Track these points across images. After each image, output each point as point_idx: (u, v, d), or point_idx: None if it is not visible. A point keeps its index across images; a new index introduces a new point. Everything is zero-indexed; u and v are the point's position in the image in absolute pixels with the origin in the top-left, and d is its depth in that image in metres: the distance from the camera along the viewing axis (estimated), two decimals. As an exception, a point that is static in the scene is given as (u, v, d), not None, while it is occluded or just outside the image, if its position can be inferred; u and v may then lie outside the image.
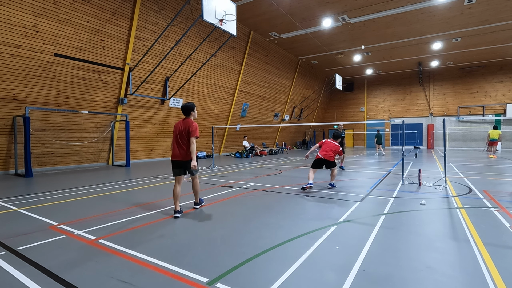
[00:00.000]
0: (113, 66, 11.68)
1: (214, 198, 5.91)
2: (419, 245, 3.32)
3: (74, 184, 7.67)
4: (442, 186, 6.90)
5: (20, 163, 9.92)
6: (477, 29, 17.26)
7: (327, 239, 3.50)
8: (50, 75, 10.02)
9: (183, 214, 4.69)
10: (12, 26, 8.81)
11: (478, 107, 25.89)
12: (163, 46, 13.10)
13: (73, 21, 10.02)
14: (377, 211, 4.83)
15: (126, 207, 5.15)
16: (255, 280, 2.53)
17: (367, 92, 31.04)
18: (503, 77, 24.89)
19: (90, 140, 11.90)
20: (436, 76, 27.41)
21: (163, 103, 14.27)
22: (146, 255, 3.06)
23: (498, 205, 5.13)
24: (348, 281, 2.51)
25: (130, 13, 11.57)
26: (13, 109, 9.61)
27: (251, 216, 4.55)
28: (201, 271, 2.69)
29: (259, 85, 20.68)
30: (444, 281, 2.52)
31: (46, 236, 3.68)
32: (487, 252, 3.11)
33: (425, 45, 20.44)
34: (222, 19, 9.28)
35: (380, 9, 14.69)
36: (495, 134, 16.59)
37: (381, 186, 7.24)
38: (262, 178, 8.78)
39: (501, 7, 14.49)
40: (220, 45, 14.43)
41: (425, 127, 28.06)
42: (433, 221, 4.30)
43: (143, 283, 2.48)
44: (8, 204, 5.47)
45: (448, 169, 10.24)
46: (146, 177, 8.87)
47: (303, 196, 6.08)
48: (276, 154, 20.22)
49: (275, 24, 16.68)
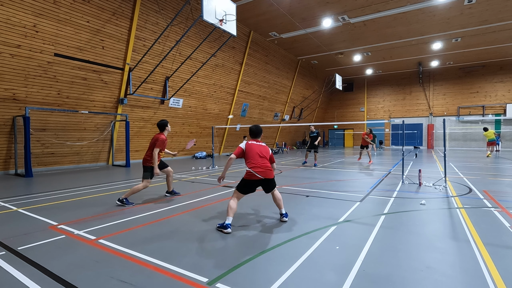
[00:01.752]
0: (113, 66, 11.67)
1: (214, 198, 5.90)
2: (419, 245, 3.32)
3: (74, 184, 7.67)
4: (442, 186, 6.89)
5: (20, 163, 9.92)
6: (477, 29, 17.26)
7: (327, 239, 3.50)
8: (50, 75, 10.02)
9: (183, 214, 4.69)
10: (12, 26, 8.81)
11: (478, 107, 25.89)
12: (163, 46, 13.10)
13: (73, 21, 10.02)
14: (377, 211, 4.83)
15: (126, 207, 5.15)
16: (255, 280, 2.53)
17: (367, 92, 31.04)
18: (503, 77, 24.89)
19: (90, 140, 11.89)
20: (436, 76, 27.41)
21: (163, 103, 14.26)
22: (146, 255, 3.06)
23: (498, 205, 5.13)
24: (348, 281, 2.51)
25: (130, 13, 11.57)
26: (13, 109, 9.60)
27: (251, 216, 4.55)
28: (201, 271, 2.69)
29: (259, 85, 20.68)
30: (444, 281, 2.52)
31: (46, 236, 3.68)
32: (487, 252, 3.11)
33: (425, 45, 20.43)
34: (222, 19, 9.28)
35: (380, 9, 14.69)
36: (490, 134, 16.69)
37: (381, 186, 7.24)
38: (262, 178, 8.76)
39: (501, 7, 14.49)
40: (220, 45, 14.42)
41: (425, 127, 28.06)
42: (433, 221, 4.30)
43: (143, 283, 2.48)
44: (8, 204, 5.47)
45: (448, 169, 10.24)
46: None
47: (303, 196, 6.08)
48: (276, 154, 20.22)
49: (275, 24, 16.68)
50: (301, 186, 7.21)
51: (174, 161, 14.47)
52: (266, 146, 4.37)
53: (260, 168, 4.09)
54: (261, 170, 4.08)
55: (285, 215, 4.34)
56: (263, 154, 4.21)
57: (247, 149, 4.22)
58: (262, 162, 4.14)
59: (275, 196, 4.34)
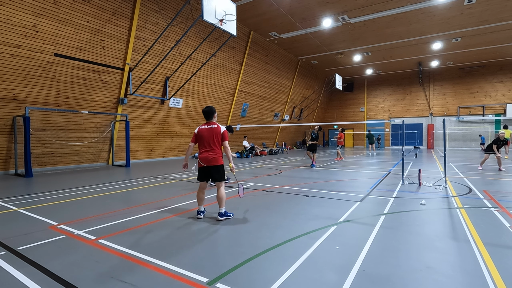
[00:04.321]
0: (113, 66, 11.67)
1: (214, 198, 5.90)
2: (419, 245, 3.32)
3: (74, 184, 7.67)
4: (442, 186, 6.89)
5: (20, 163, 9.92)
6: (477, 29, 17.26)
7: (327, 239, 3.50)
8: (50, 75, 10.02)
9: (183, 214, 4.69)
10: (12, 26, 8.81)
11: (478, 107, 25.89)
12: (163, 46, 13.10)
13: (73, 21, 10.02)
14: (377, 211, 4.83)
15: (126, 207, 5.15)
16: (255, 280, 2.53)
17: (367, 92, 31.04)
18: (503, 77, 24.89)
19: (90, 140, 11.89)
20: (436, 76, 27.41)
21: (163, 103, 14.26)
22: (146, 255, 3.06)
23: (498, 205, 5.13)
24: (348, 281, 2.51)
25: (130, 13, 11.57)
26: (13, 109, 9.60)
27: (251, 216, 4.55)
28: (201, 271, 2.69)
29: (259, 85, 20.67)
30: (444, 281, 2.52)
31: (46, 236, 3.67)
32: (487, 252, 3.11)
33: (425, 45, 20.43)
34: (222, 19, 9.28)
35: (380, 9, 14.69)
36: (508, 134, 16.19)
37: (381, 186, 7.23)
38: (262, 178, 8.78)
39: (501, 7, 14.49)
40: (220, 45, 14.42)
41: (425, 127, 28.06)
42: (433, 221, 4.30)
43: (143, 283, 2.48)
44: (8, 204, 5.47)
45: (448, 169, 10.24)
46: (146, 177, 8.87)
47: (303, 196, 6.08)
48: (276, 154, 20.22)
49: (275, 24, 16.68)
50: (301, 186, 7.21)
51: (174, 161, 14.48)
52: (214, 128, 4.35)
53: (202, 155, 4.32)
54: (203, 157, 4.31)
55: (220, 214, 4.30)
56: (210, 139, 4.31)
57: (198, 135, 4.39)
58: (207, 149, 4.31)
59: (217, 191, 4.34)
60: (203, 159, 4.31)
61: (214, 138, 4.30)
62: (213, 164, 4.30)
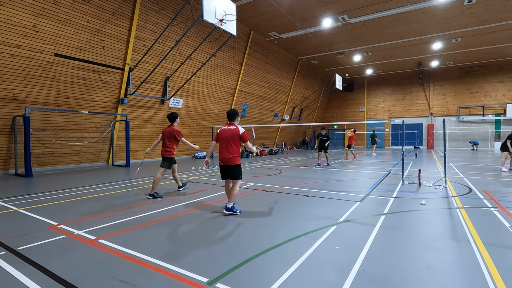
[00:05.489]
0: (113, 66, 11.67)
1: (214, 198, 5.90)
2: (419, 245, 3.32)
3: (74, 184, 7.67)
4: (442, 186, 6.89)
5: (20, 163, 9.92)
6: (477, 29, 17.25)
7: (327, 239, 3.50)
8: (50, 75, 10.02)
9: (183, 214, 4.69)
10: (12, 26, 8.80)
11: (478, 107, 25.89)
12: (163, 46, 13.10)
13: (73, 21, 10.02)
14: (377, 211, 4.83)
15: (126, 207, 5.16)
16: (255, 280, 2.53)
17: (367, 92, 31.03)
18: (503, 77, 24.89)
19: (90, 140, 11.89)
20: (436, 76, 27.40)
21: (163, 103, 14.26)
22: (146, 255, 3.06)
23: (498, 205, 5.13)
24: (348, 281, 2.51)
25: (130, 13, 11.57)
26: (13, 109, 9.60)
27: (251, 216, 4.55)
28: (201, 271, 2.69)
29: (259, 85, 20.67)
30: (444, 281, 2.52)
31: (46, 236, 3.67)
32: (487, 252, 3.11)
33: (425, 45, 20.43)
34: (222, 19, 9.27)
35: (380, 9, 14.69)
36: None
37: (381, 186, 7.23)
38: (262, 178, 8.78)
39: (501, 7, 14.49)
40: (220, 45, 14.42)
41: (425, 127, 28.06)
42: (433, 221, 4.30)
43: (143, 283, 2.48)
44: (8, 204, 5.47)
45: (448, 169, 10.24)
46: (146, 177, 8.87)
47: (303, 196, 6.08)
48: (276, 154, 20.22)
49: (275, 24, 16.68)
50: (301, 186, 7.21)
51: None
52: (233, 129, 4.63)
53: (220, 155, 4.64)
54: (221, 156, 4.64)
55: (226, 208, 4.59)
56: (228, 139, 4.59)
57: (219, 135, 4.73)
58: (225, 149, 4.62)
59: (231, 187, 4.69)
60: (221, 159, 4.64)
61: (232, 139, 4.59)
62: (229, 163, 4.60)
